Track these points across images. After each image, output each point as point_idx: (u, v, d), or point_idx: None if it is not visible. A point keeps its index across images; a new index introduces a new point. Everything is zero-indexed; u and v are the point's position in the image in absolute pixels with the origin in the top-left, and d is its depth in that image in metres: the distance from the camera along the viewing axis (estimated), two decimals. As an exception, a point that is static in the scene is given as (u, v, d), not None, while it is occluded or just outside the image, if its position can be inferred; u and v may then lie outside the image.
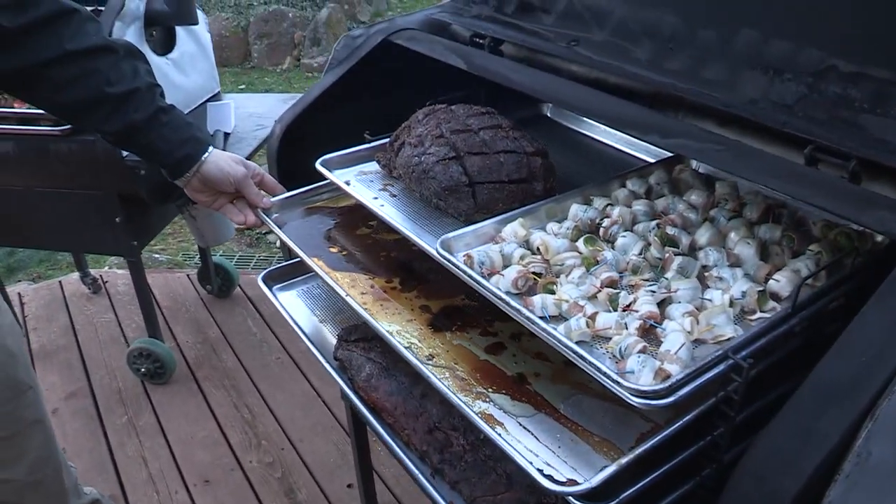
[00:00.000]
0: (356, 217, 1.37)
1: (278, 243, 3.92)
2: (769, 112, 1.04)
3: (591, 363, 0.82)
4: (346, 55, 1.55)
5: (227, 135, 2.21)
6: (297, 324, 1.29)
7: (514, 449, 0.82)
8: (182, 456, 2.29)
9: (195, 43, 2.36)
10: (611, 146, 1.53)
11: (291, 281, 1.44)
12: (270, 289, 1.39)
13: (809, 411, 0.70)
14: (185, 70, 2.31)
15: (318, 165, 1.35)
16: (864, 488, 0.67)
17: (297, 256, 1.44)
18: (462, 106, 1.32)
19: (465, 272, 0.99)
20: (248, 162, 1.32)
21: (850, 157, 0.92)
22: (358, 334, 1.21)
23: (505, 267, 1.03)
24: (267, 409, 2.46)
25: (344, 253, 1.26)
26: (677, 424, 0.83)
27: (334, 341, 1.27)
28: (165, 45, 2.26)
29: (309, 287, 1.43)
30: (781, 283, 0.97)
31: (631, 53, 1.25)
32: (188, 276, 3.13)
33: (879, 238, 1.05)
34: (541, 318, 0.90)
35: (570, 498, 0.81)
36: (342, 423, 2.39)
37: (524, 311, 0.91)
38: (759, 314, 0.94)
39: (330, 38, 6.47)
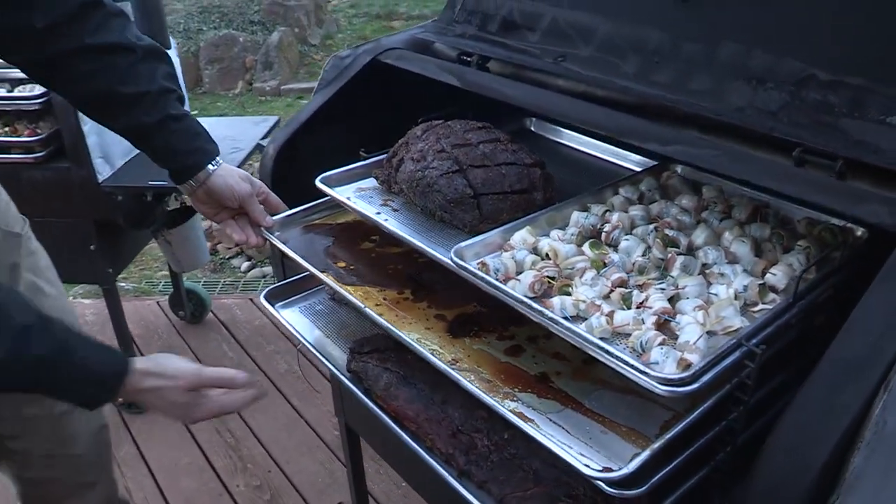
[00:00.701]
0: (357, 233, 1.40)
1: (243, 268, 3.90)
2: (756, 118, 1.12)
3: (617, 357, 0.87)
4: (336, 75, 1.59)
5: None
6: (305, 339, 1.31)
7: (552, 441, 0.86)
8: (167, 484, 2.26)
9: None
10: (594, 156, 1.60)
11: (292, 298, 1.46)
12: (273, 306, 1.40)
13: (829, 387, 0.76)
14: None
15: (318, 183, 1.38)
16: (883, 454, 0.73)
17: (304, 272, 1.47)
18: (458, 121, 1.37)
19: (483, 279, 1.03)
20: (254, 179, 1.34)
21: (836, 157, 0.99)
22: (371, 346, 1.23)
23: (518, 273, 1.08)
24: (250, 432, 2.44)
25: (351, 267, 1.29)
26: (699, 410, 0.89)
27: (341, 355, 1.29)
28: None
29: (310, 304, 1.45)
30: (778, 276, 1.04)
31: (618, 67, 1.32)
32: (157, 303, 3.09)
33: (859, 233, 1.14)
34: (563, 318, 0.95)
35: (604, 485, 0.86)
36: (327, 442, 2.39)
37: (547, 312, 0.96)
38: (761, 306, 1.00)
39: (282, 61, 6.47)
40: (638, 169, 1.49)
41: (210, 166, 1.27)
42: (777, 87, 1.13)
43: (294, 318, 1.40)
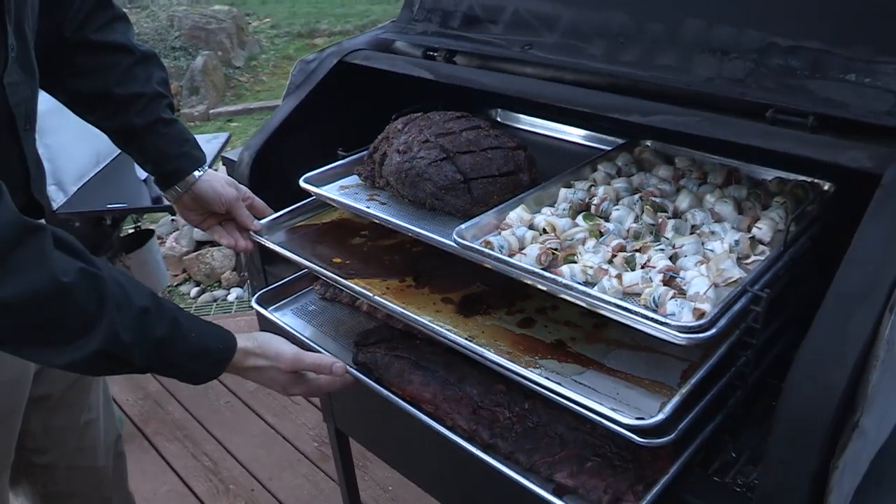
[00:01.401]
0: (345, 230, 1.41)
1: (192, 294, 3.82)
2: (725, 87, 1.19)
3: (637, 313, 0.91)
4: (303, 79, 1.60)
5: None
6: (306, 338, 1.31)
7: (586, 397, 0.90)
8: (147, 515, 2.20)
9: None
10: (562, 139, 1.65)
11: (283, 301, 1.45)
12: (266, 310, 1.39)
13: (839, 315, 0.82)
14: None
15: (302, 183, 1.38)
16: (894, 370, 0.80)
17: (291, 275, 1.47)
18: (437, 112, 1.40)
19: (492, 256, 1.06)
20: (239, 185, 1.34)
21: (807, 114, 1.07)
22: (376, 337, 1.25)
23: (521, 248, 1.11)
24: (227, 453, 2.39)
25: (347, 262, 1.30)
26: (716, 355, 0.94)
27: (339, 351, 1.30)
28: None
29: (302, 304, 1.45)
30: (763, 230, 1.11)
31: (584, 51, 1.38)
32: (111, 334, 2.99)
33: (826, 187, 1.22)
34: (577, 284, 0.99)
35: (637, 436, 0.90)
36: (307, 454, 2.36)
37: (560, 279, 0.99)
38: (753, 258, 1.07)
39: (208, 85, 6.37)
40: (606, 148, 1.55)
41: (197, 172, 1.27)
42: (741, 56, 1.20)
43: (288, 321, 1.40)
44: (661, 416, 0.87)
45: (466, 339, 1.04)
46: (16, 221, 0.84)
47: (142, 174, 2.15)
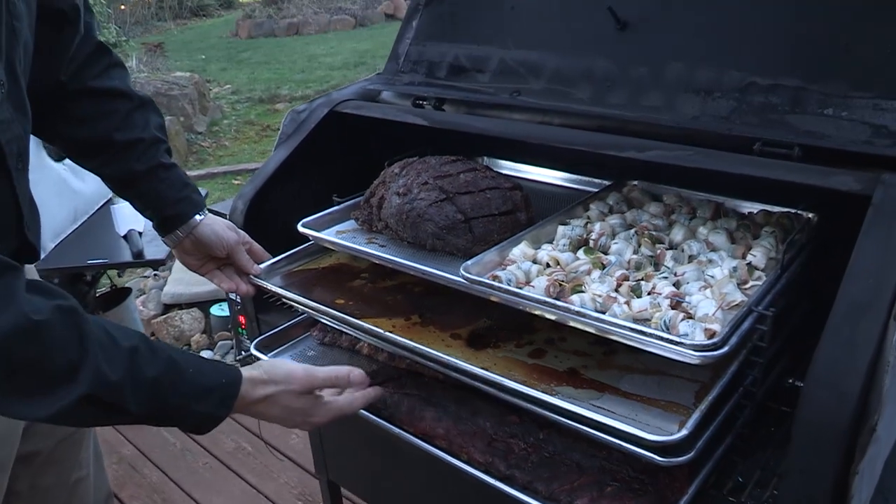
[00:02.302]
0: (344, 273, 1.42)
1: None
2: (712, 123, 1.25)
3: (652, 334, 0.94)
4: (295, 129, 1.63)
5: (140, 234, 2.15)
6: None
7: (607, 418, 0.91)
8: (125, 586, 2.09)
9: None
10: (548, 183, 1.70)
11: (282, 347, 1.44)
12: (266, 356, 1.38)
13: (847, 326, 0.86)
14: (81, 175, 2.25)
15: (301, 228, 1.40)
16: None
17: (289, 320, 1.47)
18: (432, 157, 1.43)
19: (504, 288, 1.09)
20: (238, 229, 1.34)
21: (792, 145, 1.13)
22: (382, 377, 1.24)
23: (527, 282, 1.14)
24: (208, 517, 2.31)
25: (350, 303, 1.30)
26: (729, 372, 0.97)
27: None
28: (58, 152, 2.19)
29: (301, 350, 1.44)
30: (758, 257, 1.16)
31: (572, 95, 1.44)
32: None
33: (809, 216, 1.28)
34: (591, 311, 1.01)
35: (658, 456, 0.92)
36: (291, 514, 2.30)
37: (573, 307, 1.02)
38: (751, 283, 1.11)
39: (171, 150, 6.35)
40: (594, 190, 1.60)
41: (198, 216, 1.27)
42: (724, 95, 1.28)
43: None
44: (684, 432, 0.89)
45: (482, 368, 1.05)
46: None
47: (121, 230, 2.13)
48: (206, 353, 3.67)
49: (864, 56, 1.18)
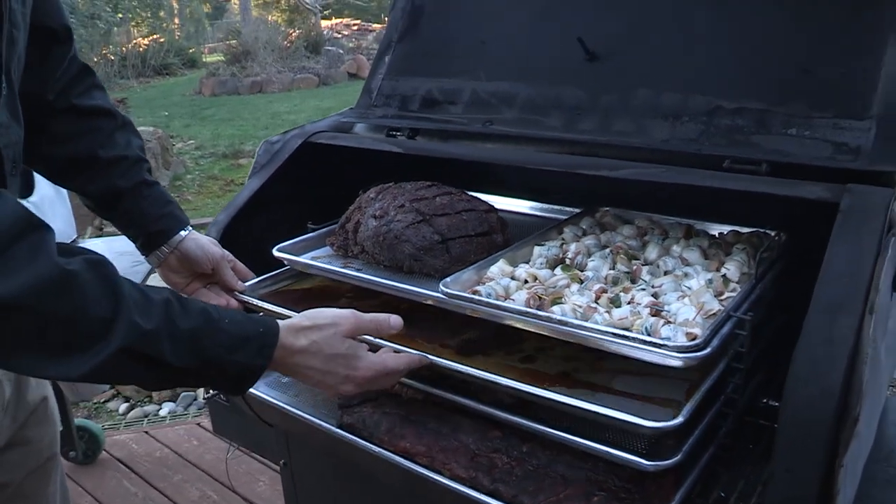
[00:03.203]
0: (327, 295, 1.40)
1: (121, 410, 3.61)
2: (681, 145, 1.29)
3: (634, 338, 0.95)
4: (268, 159, 1.63)
5: (106, 272, 2.11)
6: (288, 405, 1.27)
7: (604, 407, 0.91)
8: None
9: (53, 188, 2.27)
10: (521, 213, 1.71)
11: (255, 376, 1.40)
12: (241, 382, 1.35)
13: (824, 324, 0.88)
14: (45, 214, 2.19)
15: (276, 252, 1.39)
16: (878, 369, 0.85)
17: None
18: (408, 183, 1.45)
19: (484, 301, 1.09)
20: (222, 248, 1.33)
21: (760, 162, 1.17)
22: (361, 398, 1.22)
23: (507, 297, 1.14)
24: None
25: (333, 323, 1.28)
26: (718, 369, 0.98)
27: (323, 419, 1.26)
28: (25, 188, 2.15)
29: (275, 377, 1.40)
30: (732, 270, 1.18)
31: (544, 123, 1.48)
32: (34, 453, 2.77)
33: (773, 233, 1.32)
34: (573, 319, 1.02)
35: (643, 460, 0.92)
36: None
37: (555, 316, 1.02)
38: (726, 294, 1.13)
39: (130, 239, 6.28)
40: (562, 217, 1.62)
41: (183, 231, 1.26)
42: (692, 119, 1.32)
43: (261, 393, 1.35)
44: (680, 419, 0.89)
45: (476, 368, 1.04)
46: (19, 214, 0.78)
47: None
48: (168, 406, 3.57)
49: (823, 78, 1.24)
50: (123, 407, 3.62)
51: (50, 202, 2.24)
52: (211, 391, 1.68)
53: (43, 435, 1.33)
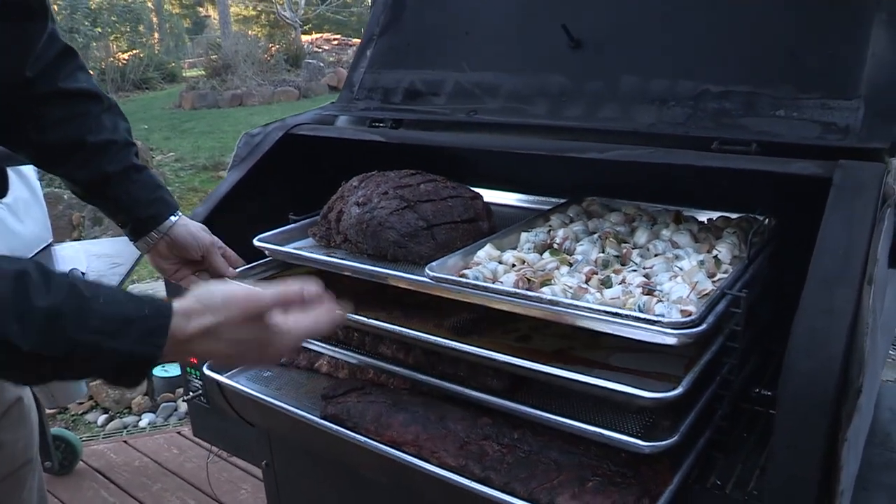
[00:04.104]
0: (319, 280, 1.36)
1: (100, 422, 3.53)
2: (669, 128, 1.27)
3: (628, 316, 0.92)
4: (249, 152, 1.59)
5: (83, 274, 2.05)
6: (271, 398, 1.23)
7: (601, 379, 0.88)
8: None
9: (28, 189, 2.21)
10: (505, 205, 1.68)
11: (235, 370, 1.36)
12: (222, 375, 1.31)
13: (822, 295, 0.85)
14: (20, 216, 2.15)
15: (256, 242, 1.35)
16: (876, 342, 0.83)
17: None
18: (392, 171, 1.41)
19: (470, 283, 1.06)
20: (212, 234, 1.30)
21: (749, 142, 1.16)
22: (346, 388, 1.18)
23: (494, 280, 1.11)
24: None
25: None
26: (716, 343, 0.95)
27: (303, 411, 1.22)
28: (-2, 190, 2.09)
29: (256, 372, 1.36)
30: (723, 252, 1.16)
31: (528, 111, 1.45)
32: (8, 465, 2.68)
33: (762, 218, 1.30)
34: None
35: (640, 441, 0.89)
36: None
37: (545, 296, 0.99)
38: (718, 275, 1.11)
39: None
40: (546, 207, 1.59)
41: (173, 217, 1.22)
42: (678, 103, 1.30)
43: (243, 385, 1.31)
44: (680, 390, 0.87)
45: (471, 345, 1.01)
46: None
47: (66, 267, 2.03)
48: (147, 417, 3.49)
49: (810, 60, 1.23)
50: (102, 419, 3.53)
51: (24, 204, 2.18)
52: (191, 393, 1.63)
53: (17, 438, 1.27)
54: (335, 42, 16.39)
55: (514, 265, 1.16)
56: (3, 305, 0.69)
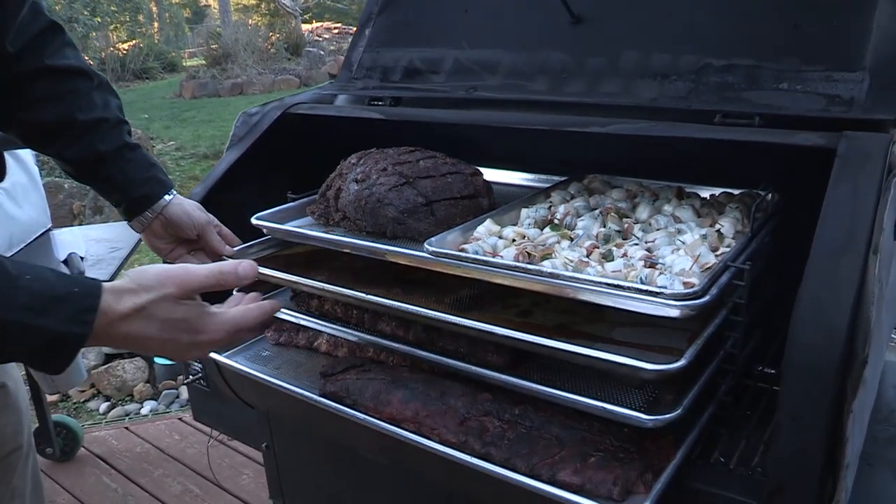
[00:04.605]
0: (317, 258, 1.34)
1: (102, 409, 3.53)
2: (671, 102, 1.26)
3: (630, 287, 0.90)
4: (247, 131, 1.58)
5: (82, 258, 2.04)
6: (269, 377, 1.22)
7: (605, 352, 0.87)
8: None
9: (26, 174, 2.20)
10: (505, 184, 1.66)
11: (233, 351, 1.35)
12: (220, 355, 1.30)
13: (827, 265, 0.84)
14: (18, 201, 2.14)
15: (254, 221, 1.33)
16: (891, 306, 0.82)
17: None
18: (391, 148, 1.40)
19: (469, 258, 1.04)
20: (207, 212, 1.28)
21: (752, 115, 1.14)
22: (345, 365, 1.17)
23: (494, 255, 1.10)
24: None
25: (331, 282, 1.23)
26: (714, 323, 0.94)
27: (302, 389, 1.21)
28: (-5, 174, 2.08)
29: (255, 352, 1.35)
30: (726, 227, 1.14)
31: (529, 87, 1.44)
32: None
33: (763, 194, 1.28)
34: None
35: (643, 415, 0.87)
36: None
37: (546, 269, 0.98)
38: (721, 249, 1.09)
39: (111, 205, 6.19)
40: (546, 185, 1.57)
41: (167, 195, 1.21)
42: (680, 78, 1.28)
43: (241, 365, 1.30)
44: (683, 361, 0.85)
45: (472, 318, 1.00)
46: None
47: (61, 255, 2.02)
48: (149, 404, 3.50)
49: (814, 32, 1.21)
50: (104, 406, 3.54)
51: (23, 189, 2.17)
52: (191, 376, 1.62)
53: (4, 425, 1.26)
54: (335, 31, 16.33)
55: (514, 240, 1.14)
56: None
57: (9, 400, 1.29)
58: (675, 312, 0.88)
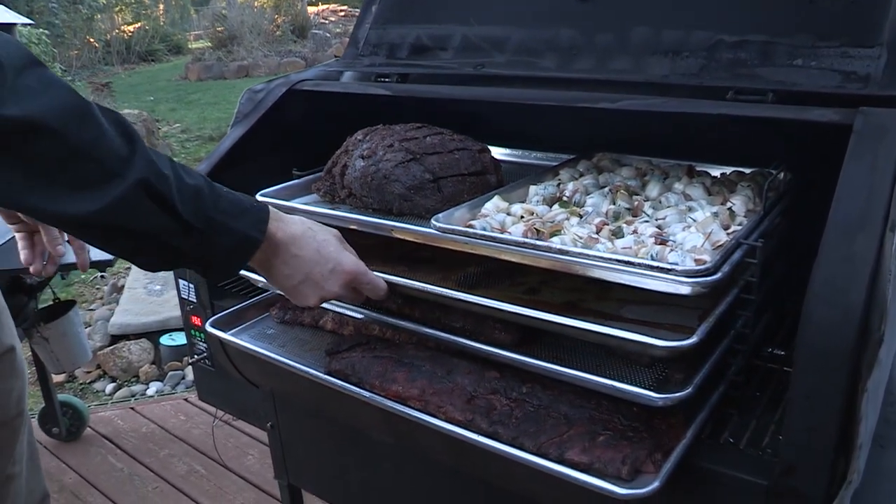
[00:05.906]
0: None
1: (108, 390, 3.54)
2: (682, 79, 1.23)
3: (640, 264, 0.89)
4: (252, 108, 1.56)
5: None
6: (274, 354, 1.21)
7: (616, 328, 0.86)
8: None
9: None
10: (513, 162, 1.64)
11: (238, 328, 1.34)
12: (226, 333, 1.29)
13: (842, 242, 0.82)
14: None
15: (259, 197, 1.32)
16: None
17: (255, 298, 1.37)
18: (397, 125, 1.38)
19: (477, 234, 1.03)
20: None
21: (765, 91, 1.12)
22: (350, 343, 1.16)
23: (502, 231, 1.08)
24: (158, 543, 2.15)
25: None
26: (726, 301, 0.92)
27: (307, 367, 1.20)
28: None
29: (260, 329, 1.34)
30: (738, 205, 1.12)
31: (538, 64, 1.41)
32: (16, 430, 2.69)
33: (776, 172, 1.26)
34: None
35: (652, 394, 0.86)
36: (247, 536, 2.15)
37: (555, 245, 0.96)
38: (733, 227, 1.07)
39: None
40: (555, 164, 1.55)
41: None
42: (692, 54, 1.26)
43: (246, 342, 1.29)
44: (695, 339, 0.84)
45: (479, 295, 0.99)
46: (24, 49, 0.76)
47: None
48: (155, 385, 3.50)
49: (829, 7, 1.18)
50: (110, 387, 3.54)
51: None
52: (196, 356, 1.62)
53: (11, 388, 1.26)
54: (342, 13, 16.22)
55: (522, 217, 1.13)
56: (167, 180, 0.82)
57: (15, 364, 1.30)
58: (686, 290, 0.87)
